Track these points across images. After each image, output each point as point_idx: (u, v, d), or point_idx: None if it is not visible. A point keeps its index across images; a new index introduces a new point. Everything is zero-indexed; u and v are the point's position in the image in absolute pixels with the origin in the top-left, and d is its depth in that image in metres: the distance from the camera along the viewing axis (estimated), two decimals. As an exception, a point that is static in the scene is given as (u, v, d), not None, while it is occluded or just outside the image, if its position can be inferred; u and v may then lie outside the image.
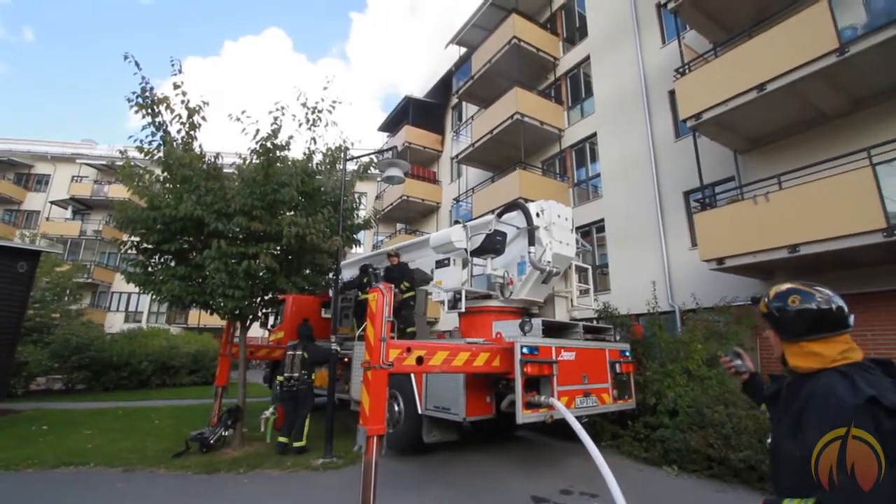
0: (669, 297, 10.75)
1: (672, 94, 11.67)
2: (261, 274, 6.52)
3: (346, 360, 8.41)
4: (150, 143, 6.28)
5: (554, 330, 5.95)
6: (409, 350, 4.35)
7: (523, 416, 4.85)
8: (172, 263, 6.87)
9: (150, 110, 6.28)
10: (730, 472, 5.36)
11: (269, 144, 6.24)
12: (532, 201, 10.34)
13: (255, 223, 6.16)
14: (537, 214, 6.41)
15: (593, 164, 14.14)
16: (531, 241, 6.08)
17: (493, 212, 14.50)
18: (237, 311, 6.90)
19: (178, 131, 6.37)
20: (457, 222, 7.50)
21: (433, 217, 22.17)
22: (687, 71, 9.22)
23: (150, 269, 6.99)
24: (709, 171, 10.33)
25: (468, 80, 16.88)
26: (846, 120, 8.21)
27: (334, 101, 6.79)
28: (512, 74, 15.26)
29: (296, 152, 6.93)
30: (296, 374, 7.01)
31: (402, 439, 6.41)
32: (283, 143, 6.39)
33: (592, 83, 14.22)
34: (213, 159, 6.63)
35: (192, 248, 6.67)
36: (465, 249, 7.06)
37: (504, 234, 6.35)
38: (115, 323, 26.83)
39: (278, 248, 6.57)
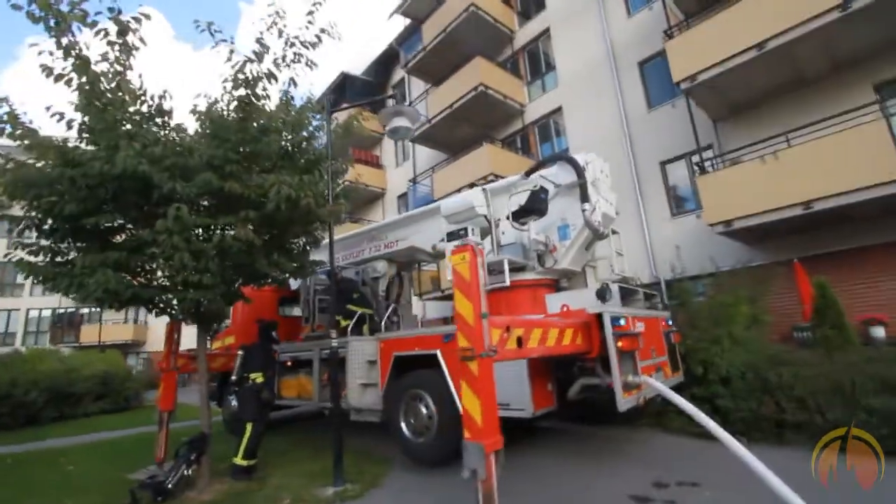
0: (652, 268, 10.66)
1: (642, 65, 11.62)
2: (233, 251, 4.80)
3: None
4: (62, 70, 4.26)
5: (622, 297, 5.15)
6: (508, 329, 3.21)
7: (624, 401, 3.96)
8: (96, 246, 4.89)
9: (51, 23, 4.25)
10: (807, 438, 4.97)
11: (250, 73, 4.56)
12: (503, 177, 9.57)
13: (229, 182, 4.49)
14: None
15: (558, 139, 13.77)
16: (584, 198, 5.17)
17: (458, 191, 13.62)
18: (199, 308, 5.14)
19: (104, 57, 4.39)
20: (433, 201, 6.40)
21: (378, 204, 20.61)
22: (675, 33, 9.00)
23: (59, 257, 4.95)
24: (684, 141, 10.36)
25: (419, 52, 15.64)
26: (821, 85, 8.49)
27: (322, 30, 5.24)
28: (467, 47, 14.35)
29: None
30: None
31: (437, 448, 5.19)
32: (269, 72, 4.72)
33: (554, 57, 13.81)
34: (157, 99, 4.77)
35: (132, 222, 4.78)
36: (485, 216, 6.02)
37: (547, 192, 5.39)
38: (-25, 349, 21.39)
39: (256, 216, 4.87)
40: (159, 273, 5.18)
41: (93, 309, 26.89)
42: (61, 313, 26.56)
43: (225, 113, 4.73)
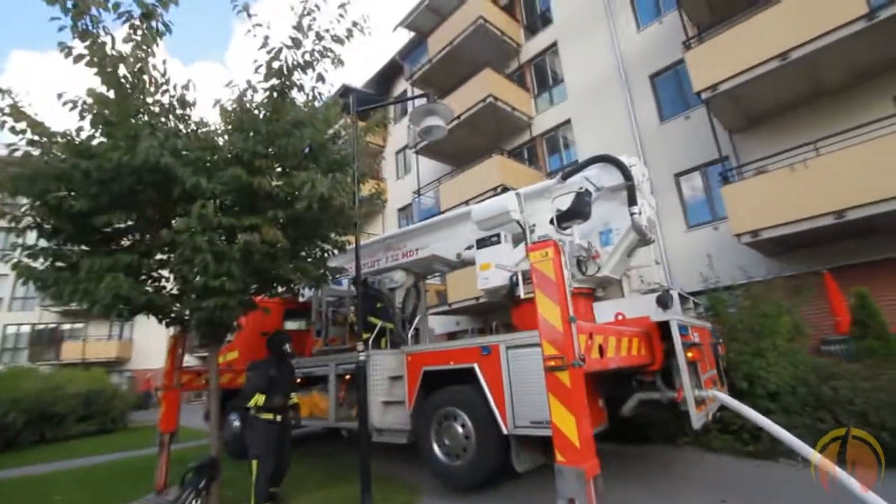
0: (668, 282, 10.43)
1: (653, 77, 11.63)
2: (258, 255, 4.38)
3: (348, 377, 6.48)
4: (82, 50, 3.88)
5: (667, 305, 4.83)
6: (591, 337, 2.86)
7: (697, 416, 3.61)
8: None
9: (68, 5, 3.90)
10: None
11: (285, 63, 4.20)
12: (513, 189, 9.33)
13: (258, 178, 4.12)
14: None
15: (567, 151, 13.67)
16: (632, 201, 4.91)
17: (466, 202, 13.35)
18: (216, 316, 4.68)
19: (129, 38, 4.02)
20: (439, 212, 6.09)
21: (378, 217, 20.25)
22: (693, 44, 8.98)
23: (61, 261, 4.47)
24: (698, 152, 10.32)
25: (425, 64, 15.54)
26: (841, 95, 8.48)
27: (355, 24, 4.95)
28: (474, 59, 14.30)
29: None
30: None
31: (476, 471, 4.74)
32: (306, 62, 4.37)
33: (562, 70, 13.81)
34: (180, 90, 4.40)
35: (146, 222, 4.35)
36: (518, 222, 5.74)
37: (591, 195, 5.11)
38: (-53, 367, 20.17)
39: (283, 216, 4.48)
40: (172, 279, 4.73)
41: (75, 325, 25.81)
42: (41, 329, 25.33)
43: (255, 105, 4.39)
